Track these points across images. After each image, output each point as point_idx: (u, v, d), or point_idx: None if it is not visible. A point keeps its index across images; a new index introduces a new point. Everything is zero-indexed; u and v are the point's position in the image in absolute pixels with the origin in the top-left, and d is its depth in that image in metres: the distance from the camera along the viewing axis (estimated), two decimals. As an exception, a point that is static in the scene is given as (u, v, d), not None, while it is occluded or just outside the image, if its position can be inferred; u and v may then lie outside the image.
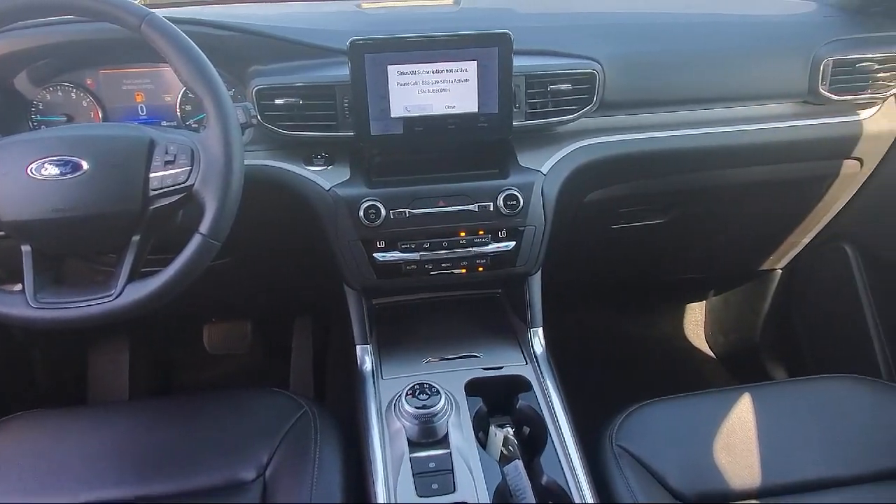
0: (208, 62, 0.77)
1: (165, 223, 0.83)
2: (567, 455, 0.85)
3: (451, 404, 0.87)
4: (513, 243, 0.99)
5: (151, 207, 0.78)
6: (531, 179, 0.99)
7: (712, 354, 1.84)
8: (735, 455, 0.92)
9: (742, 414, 0.98)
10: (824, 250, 1.40)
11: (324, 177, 0.98)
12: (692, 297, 1.86)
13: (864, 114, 1.15)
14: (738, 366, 1.74)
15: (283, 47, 0.97)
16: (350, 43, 0.90)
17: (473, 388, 0.95)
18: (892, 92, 1.12)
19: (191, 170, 0.77)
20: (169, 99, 1.03)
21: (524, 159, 1.02)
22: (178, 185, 0.77)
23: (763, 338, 1.64)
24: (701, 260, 1.49)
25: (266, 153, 1.00)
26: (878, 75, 1.10)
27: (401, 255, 0.97)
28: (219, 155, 0.76)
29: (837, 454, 0.93)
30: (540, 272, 1.06)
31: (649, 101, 1.06)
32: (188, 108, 1.03)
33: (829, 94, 1.09)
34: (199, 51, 0.77)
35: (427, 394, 0.86)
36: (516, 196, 0.96)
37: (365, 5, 1.16)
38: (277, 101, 0.94)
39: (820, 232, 1.39)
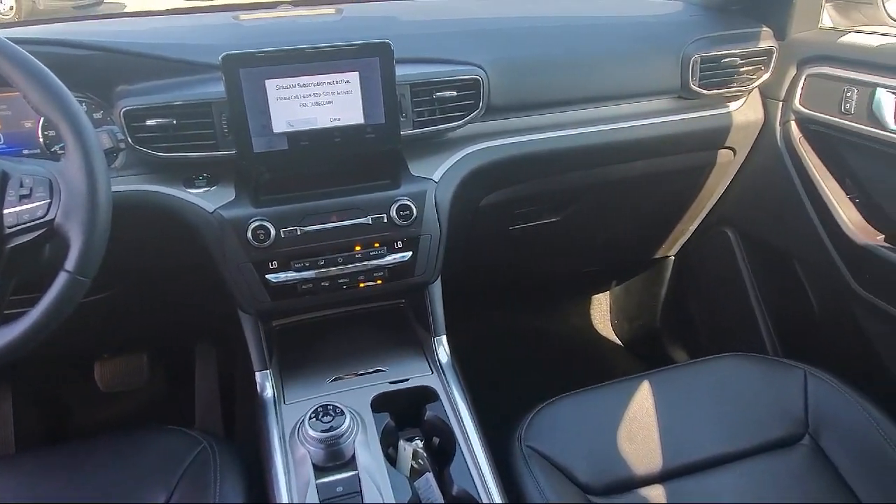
0: (60, 85, 0.71)
1: (29, 261, 0.76)
2: (476, 462, 0.85)
3: (357, 423, 0.85)
4: (409, 253, 0.98)
5: (8, 246, 0.71)
6: (423, 188, 0.98)
7: (619, 342, 1.91)
8: (637, 442, 0.95)
9: (643, 401, 1.01)
10: (709, 236, 1.48)
11: (206, 199, 0.93)
12: (596, 289, 1.92)
13: (732, 106, 1.22)
14: (644, 351, 1.81)
15: (152, 65, 0.91)
16: (223, 58, 0.86)
17: (380, 403, 0.93)
18: (755, 84, 1.19)
19: (50, 203, 0.71)
20: (29, 125, 0.95)
21: (415, 168, 1.01)
22: (37, 220, 0.71)
23: (663, 322, 1.72)
24: (599, 253, 1.54)
25: (141, 177, 0.94)
26: (742, 69, 1.17)
27: (295, 274, 0.94)
28: (80, 185, 0.71)
29: (731, 430, 0.98)
30: (440, 280, 1.05)
31: (534, 103, 1.08)
32: (51, 133, 0.95)
33: (700, 89, 1.14)
34: (49, 73, 0.71)
35: (331, 415, 0.83)
36: (409, 206, 0.95)
37: (243, 17, 1.12)
38: (149, 122, 0.88)
39: (704, 219, 1.47)
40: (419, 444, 0.90)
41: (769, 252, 1.35)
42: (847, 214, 1.12)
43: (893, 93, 1.01)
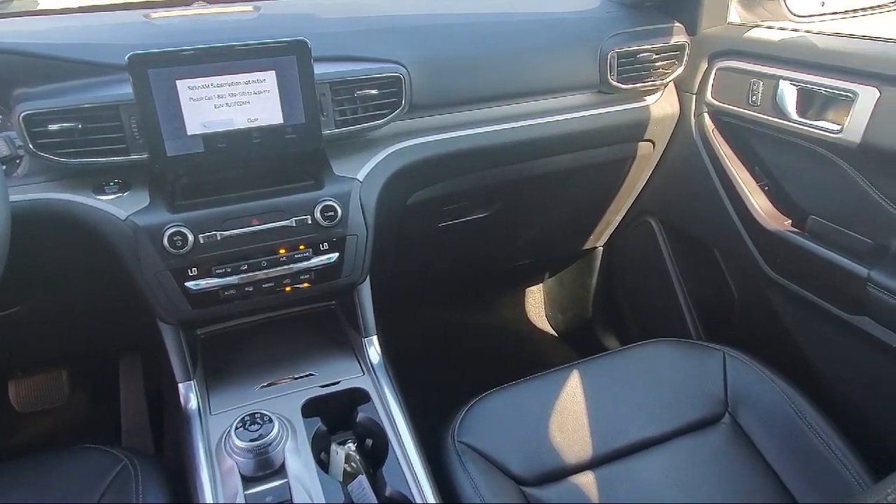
0: None
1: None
2: (409, 462, 0.85)
3: (286, 430, 0.84)
4: (336, 255, 0.97)
5: None
6: (348, 188, 0.97)
7: (554, 333, 1.94)
8: (568, 432, 0.97)
9: (573, 390, 1.03)
10: (634, 226, 1.53)
11: (118, 205, 0.89)
12: (529, 281, 1.95)
13: (649, 100, 1.26)
14: (578, 341, 1.85)
15: (53, 66, 0.87)
16: (129, 58, 0.82)
17: (311, 408, 0.92)
18: (670, 78, 1.23)
19: None
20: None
21: (339, 168, 1.00)
22: None
23: (595, 312, 1.76)
24: (530, 246, 1.56)
25: (47, 185, 0.89)
26: (657, 64, 1.21)
27: (217, 280, 0.91)
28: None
29: (657, 413, 1.01)
30: (369, 280, 1.04)
31: (457, 100, 1.09)
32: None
33: (618, 84, 1.18)
34: None
35: (259, 423, 0.81)
36: (334, 206, 0.94)
37: (154, 15, 1.07)
38: (52, 127, 0.83)
39: (629, 210, 1.52)
40: (352, 447, 0.90)
41: (690, 240, 1.40)
42: (758, 202, 1.17)
43: (795, 85, 1.06)
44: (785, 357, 1.20)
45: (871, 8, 1.26)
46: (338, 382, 0.96)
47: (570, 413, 1.00)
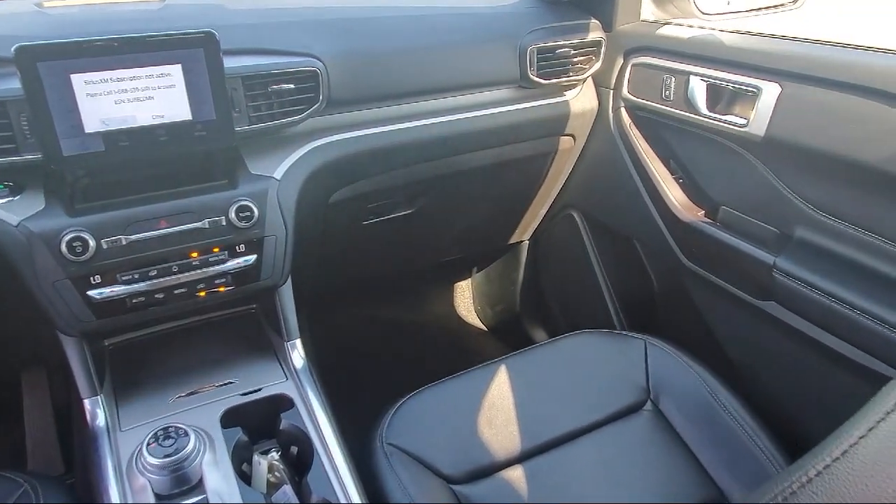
0: None
1: None
2: (335, 467, 0.83)
3: (204, 443, 0.79)
4: (254, 257, 0.93)
5: None
6: (264, 187, 0.93)
7: (484, 327, 1.96)
8: (497, 427, 0.97)
9: (501, 385, 1.04)
10: (558, 220, 1.55)
11: (9, 210, 0.82)
12: (458, 277, 1.95)
13: (569, 95, 1.28)
14: (507, 334, 1.87)
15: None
16: (16, 50, 0.75)
17: (231, 417, 0.88)
18: (588, 74, 1.25)
19: None
20: None
21: (255, 166, 0.96)
22: None
23: (523, 305, 1.78)
24: (457, 241, 1.56)
25: (-75, 189, 0.81)
26: (576, 59, 1.22)
27: (123, 288, 0.85)
28: None
29: (583, 404, 1.03)
30: (290, 281, 1.01)
31: (377, 95, 1.06)
32: None
33: (538, 79, 1.18)
34: None
35: (173, 437, 0.77)
36: (250, 206, 0.90)
37: (47, 4, 0.99)
38: (-73, 126, 0.76)
39: (553, 203, 1.54)
40: (275, 456, 0.86)
41: (611, 232, 1.43)
42: (673, 194, 1.21)
43: (704, 81, 1.10)
44: (702, 343, 1.25)
45: (772, 7, 1.32)
46: (259, 389, 0.93)
47: (498, 408, 1.00)
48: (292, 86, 0.94)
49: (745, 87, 1.03)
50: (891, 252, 0.91)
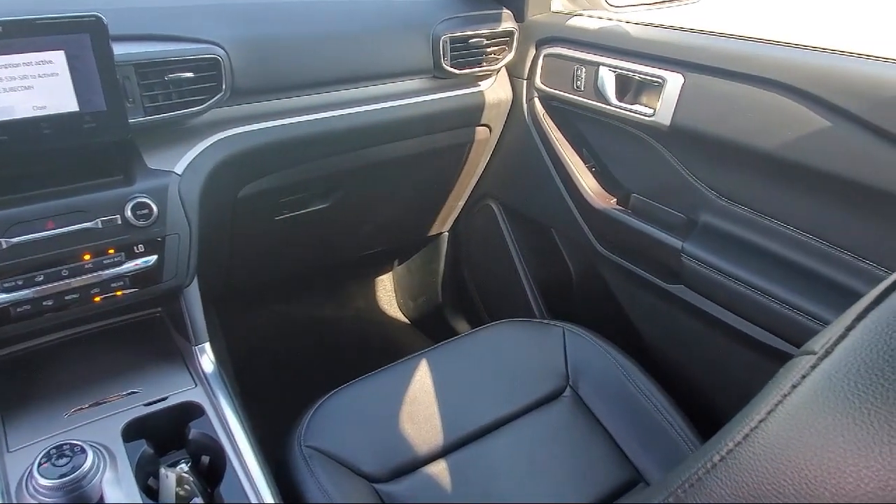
0: None
1: None
2: (249, 476, 0.79)
3: (103, 459, 0.73)
4: (154, 257, 0.87)
5: None
6: (164, 182, 0.88)
7: (406, 320, 1.94)
8: (419, 422, 0.96)
9: (422, 379, 1.02)
10: (476, 210, 1.55)
11: None
12: (378, 270, 1.92)
13: (483, 85, 1.28)
14: (430, 326, 1.86)
15: None
16: None
17: (135, 430, 0.82)
18: (501, 64, 1.25)
19: None
20: None
21: (153, 160, 0.90)
22: None
23: (444, 297, 1.78)
24: (375, 234, 1.53)
25: None
26: (489, 50, 1.22)
27: (5, 296, 0.78)
28: None
29: (505, 394, 1.03)
30: (196, 282, 0.95)
31: (285, 85, 1.02)
32: None
33: (452, 69, 1.17)
34: None
35: (67, 456, 0.71)
36: (148, 204, 0.84)
37: None
38: None
39: (471, 194, 1.54)
40: (185, 467, 0.81)
41: (529, 222, 1.45)
42: (587, 183, 1.23)
43: (613, 71, 1.12)
44: (618, 328, 1.28)
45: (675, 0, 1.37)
46: (166, 398, 0.87)
47: (420, 403, 0.99)
48: (191, 74, 0.89)
49: (650, 78, 1.05)
50: (788, 235, 0.96)
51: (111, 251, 0.84)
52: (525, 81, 1.29)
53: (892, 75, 0.80)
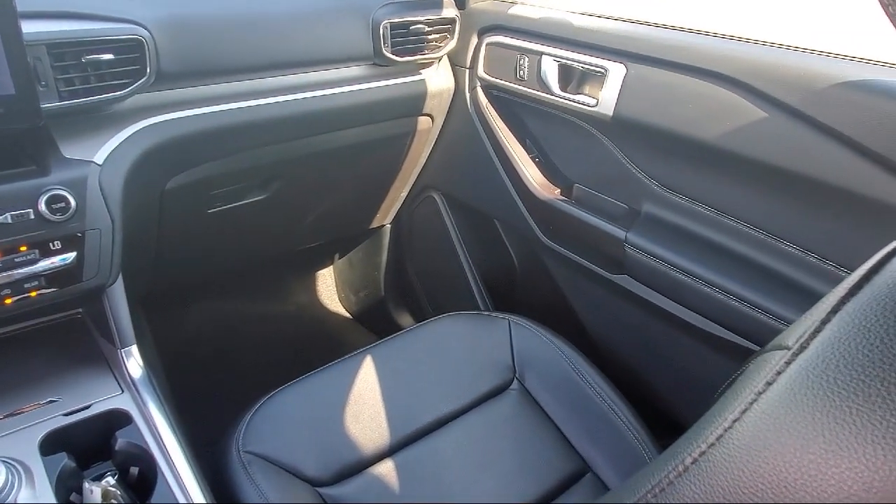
0: None
1: None
2: (182, 486, 0.74)
3: (17, 476, 0.68)
4: (73, 254, 0.80)
5: None
6: (83, 173, 0.81)
7: (348, 315, 1.89)
8: (364, 421, 0.93)
9: (366, 377, 0.99)
10: (419, 202, 1.53)
11: None
12: (319, 264, 1.87)
13: (425, 73, 1.25)
14: (373, 321, 1.83)
15: None
16: None
17: (54, 442, 0.76)
18: (443, 52, 1.23)
19: None
20: None
21: (69, 149, 0.83)
22: None
23: (387, 291, 1.74)
24: (315, 227, 1.48)
25: None
26: (430, 37, 1.19)
27: None
28: None
29: (451, 389, 1.01)
30: (121, 280, 0.89)
31: (215, 69, 0.96)
32: None
33: (393, 56, 1.14)
34: None
35: (-24, 474, 0.65)
36: (64, 196, 0.77)
37: None
38: None
39: (414, 185, 1.51)
40: (111, 480, 0.75)
41: (473, 213, 1.43)
42: (530, 173, 1.23)
43: (556, 61, 1.11)
44: (563, 319, 1.29)
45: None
46: (89, 406, 0.81)
47: (364, 401, 0.95)
48: (112, 56, 0.82)
49: (593, 68, 1.05)
50: (728, 224, 0.98)
51: (23, 248, 0.77)
52: (468, 70, 1.27)
53: (824, 68, 0.82)
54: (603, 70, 1.04)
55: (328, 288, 1.92)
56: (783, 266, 0.92)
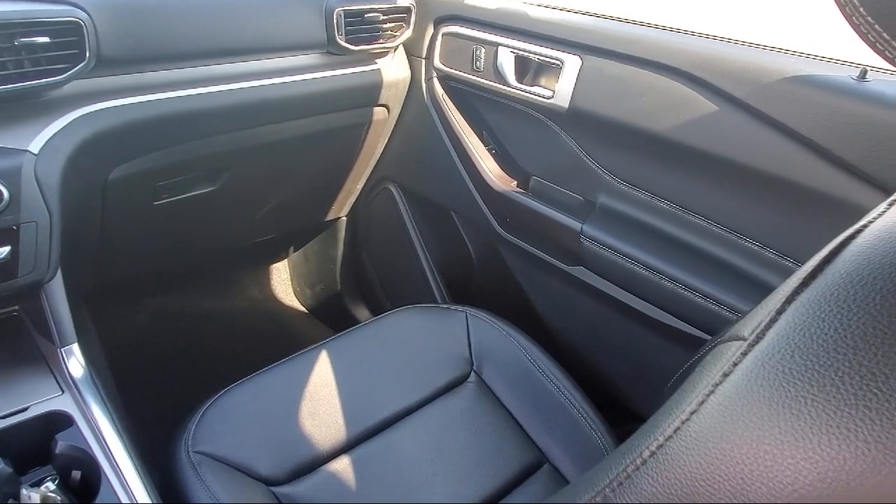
0: None
1: None
2: (128, 490, 0.71)
3: (-53, 485, 0.64)
4: (7, 249, 0.76)
5: None
6: (16, 163, 0.77)
7: (304, 310, 1.86)
8: (320, 418, 0.91)
9: (322, 372, 0.97)
10: (375, 194, 1.50)
11: None
12: (273, 258, 1.83)
13: (381, 63, 1.22)
14: (329, 315, 1.80)
15: None
16: None
17: (-13, 447, 0.72)
18: (399, 41, 1.21)
19: None
20: None
21: (2, 138, 0.78)
22: None
23: (344, 284, 1.72)
24: (269, 219, 1.45)
25: None
26: (386, 26, 1.17)
27: None
28: None
29: (409, 383, 1.00)
30: (61, 275, 0.85)
31: (159, 55, 0.92)
32: None
33: (347, 45, 1.11)
34: None
35: None
36: (-4, 187, 0.73)
37: None
38: None
39: (370, 177, 1.48)
40: (51, 486, 0.72)
41: (429, 205, 1.42)
42: (487, 165, 1.22)
43: (513, 52, 1.11)
44: (520, 311, 1.29)
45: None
46: (26, 408, 0.77)
47: (320, 397, 0.94)
48: (47, 39, 0.78)
49: (549, 60, 1.05)
50: (681, 216, 0.99)
51: (-49, 243, 0.72)
52: (424, 61, 1.26)
53: (772, 62, 0.83)
54: (559, 62, 1.04)
55: (283, 282, 1.88)
56: (734, 257, 0.94)
